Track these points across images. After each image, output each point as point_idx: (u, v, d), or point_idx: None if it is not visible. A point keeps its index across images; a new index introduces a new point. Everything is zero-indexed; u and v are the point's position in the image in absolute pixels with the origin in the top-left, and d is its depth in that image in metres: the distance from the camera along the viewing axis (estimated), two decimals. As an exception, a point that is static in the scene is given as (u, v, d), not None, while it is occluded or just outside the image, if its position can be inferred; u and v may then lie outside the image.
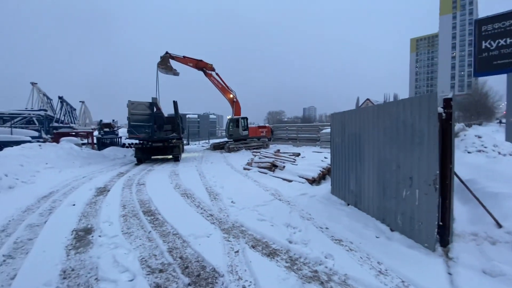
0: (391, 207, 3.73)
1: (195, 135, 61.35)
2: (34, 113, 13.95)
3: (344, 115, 5.17)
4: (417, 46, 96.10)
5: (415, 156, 3.25)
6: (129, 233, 4.06)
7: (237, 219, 4.45)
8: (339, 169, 5.43)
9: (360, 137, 4.57)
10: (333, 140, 5.69)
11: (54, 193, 6.84)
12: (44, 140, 13.22)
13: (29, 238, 3.97)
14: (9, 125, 12.80)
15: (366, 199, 4.39)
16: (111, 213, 4.99)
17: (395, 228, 3.65)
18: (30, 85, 16.35)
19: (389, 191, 3.78)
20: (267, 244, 3.52)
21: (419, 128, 3.17)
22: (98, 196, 6.41)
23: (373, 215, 4.17)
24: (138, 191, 6.86)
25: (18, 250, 3.56)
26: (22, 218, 4.89)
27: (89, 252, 3.45)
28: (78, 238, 3.94)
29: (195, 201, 5.78)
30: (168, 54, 16.85)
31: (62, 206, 5.59)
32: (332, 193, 5.73)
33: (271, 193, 6.18)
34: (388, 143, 3.80)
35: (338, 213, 4.60)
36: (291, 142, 20.82)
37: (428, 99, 2.99)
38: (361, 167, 4.55)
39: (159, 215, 4.88)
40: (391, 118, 3.71)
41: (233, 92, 19.26)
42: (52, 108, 18.30)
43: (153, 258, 3.21)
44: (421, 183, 3.15)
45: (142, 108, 12.72)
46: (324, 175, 7.22)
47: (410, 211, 3.36)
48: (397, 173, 3.60)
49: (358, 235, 3.67)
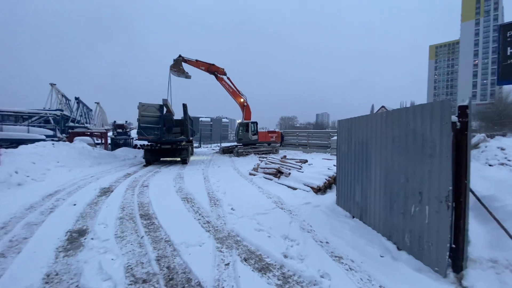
0: (399, 224, 3.42)
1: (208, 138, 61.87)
2: (50, 112, 14.43)
3: (351, 122, 4.89)
4: (437, 53, 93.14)
5: (425, 169, 2.95)
6: (121, 237, 3.95)
7: (234, 228, 4.25)
8: (345, 179, 5.13)
9: (367, 145, 4.28)
10: (339, 148, 5.40)
11: (59, 191, 6.91)
12: (58, 139, 13.60)
13: (24, 237, 3.95)
14: (26, 123, 13.30)
15: (372, 212, 4.08)
16: (108, 215, 4.92)
17: (402, 247, 3.33)
18: (50, 86, 16.99)
19: (397, 205, 3.47)
20: (260, 257, 3.30)
21: (430, 138, 2.88)
22: (100, 197, 6.40)
23: (379, 230, 3.85)
24: (140, 193, 6.80)
25: (11, 249, 3.52)
26: (23, 216, 4.91)
27: (77, 255, 3.35)
28: (71, 239, 3.87)
29: (194, 206, 5.63)
30: (181, 57, 17.08)
31: (63, 205, 5.60)
32: (337, 204, 5.43)
33: (274, 201, 5.94)
34: (396, 153, 3.50)
35: (341, 226, 4.30)
36: (301, 148, 20.44)
37: (441, 106, 2.71)
38: (367, 178, 4.25)
39: (156, 219, 4.76)
40: (400, 126, 3.42)
41: (244, 97, 19.21)
42: (70, 108, 18.91)
43: (140, 266, 3.06)
44: (432, 199, 2.85)
45: (152, 110, 12.86)
46: (330, 184, 6.90)
47: (419, 230, 3.04)
48: (405, 187, 3.30)
49: (361, 252, 3.37)
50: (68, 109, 18.30)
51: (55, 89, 17.29)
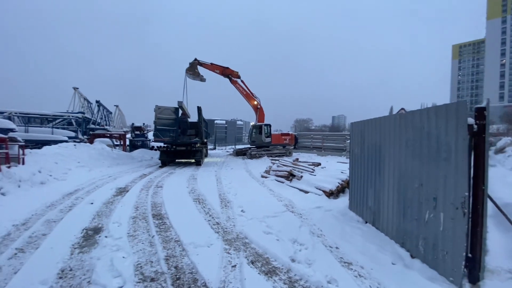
0: (412, 230, 3.28)
1: (222, 140, 62.52)
2: (73, 115, 15.17)
3: (363, 124, 4.77)
4: (460, 53, 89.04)
5: (440, 174, 2.82)
6: (134, 236, 4.06)
7: (243, 230, 4.25)
8: (357, 183, 5.01)
9: (380, 148, 4.16)
10: (352, 151, 5.29)
11: (79, 190, 7.22)
12: (80, 140, 14.25)
13: (43, 233, 4.15)
14: (50, 125, 14.05)
15: (385, 218, 3.95)
16: (122, 214, 5.08)
17: (415, 255, 3.19)
18: (73, 89, 17.88)
19: (410, 211, 3.34)
20: (267, 260, 3.27)
21: (445, 142, 2.75)
22: (116, 196, 6.62)
23: (392, 237, 3.71)
24: (154, 194, 6.97)
25: (30, 245, 3.71)
26: (44, 213, 5.17)
27: (91, 252, 3.48)
28: (86, 237, 4.02)
29: (205, 207, 5.70)
30: (196, 60, 17.43)
31: (81, 203, 5.84)
32: (349, 208, 5.30)
33: (284, 204, 5.89)
34: (410, 157, 3.38)
35: (353, 231, 4.19)
36: (315, 150, 20.15)
37: (456, 108, 2.58)
38: (380, 182, 4.13)
39: (167, 219, 4.86)
40: (414, 129, 3.30)
41: (258, 99, 19.28)
42: (91, 111, 19.77)
43: (149, 265, 3.13)
44: (447, 206, 2.71)
45: (168, 113, 13.20)
46: (343, 188, 6.75)
47: (433, 237, 2.91)
48: (419, 192, 3.17)
49: (371, 259, 3.26)
50: (90, 112, 19.14)
51: (78, 93, 18.15)
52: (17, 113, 14.14)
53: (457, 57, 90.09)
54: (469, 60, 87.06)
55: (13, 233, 4.11)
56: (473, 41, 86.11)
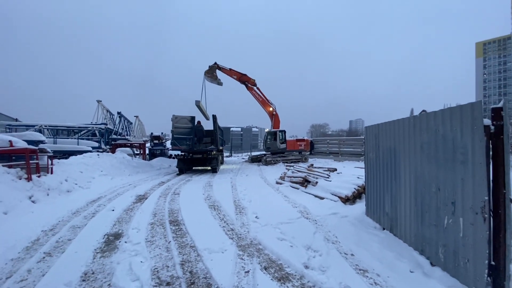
0: (431, 236, 3.16)
1: (238, 147, 63.03)
2: (96, 126, 16.02)
3: (378, 128, 4.69)
4: (484, 51, 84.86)
5: (457, 177, 2.72)
6: (151, 241, 4.20)
7: (257, 236, 4.27)
8: (373, 188, 4.89)
9: (395, 152, 4.06)
10: (367, 155, 5.19)
11: (101, 198, 7.56)
12: (103, 150, 14.96)
13: (69, 238, 4.39)
14: (76, 136, 14.90)
15: (403, 224, 3.82)
16: (141, 220, 5.26)
17: (435, 263, 3.06)
18: (96, 102, 18.93)
19: (428, 216, 3.22)
20: (281, 266, 3.27)
21: (461, 144, 2.66)
22: (136, 203, 6.87)
23: (410, 243, 3.58)
24: (171, 200, 7.17)
25: (57, 249, 3.93)
26: (69, 219, 5.47)
27: (112, 257, 3.64)
28: (108, 242, 4.21)
29: (220, 213, 5.78)
30: (216, 64, 17.95)
31: (103, 210, 6.12)
32: (366, 215, 5.18)
33: (299, 210, 5.84)
34: (426, 161, 3.28)
35: (369, 238, 4.08)
36: (332, 156, 19.80)
37: (471, 109, 2.50)
38: (396, 187, 4.02)
39: (183, 225, 4.98)
40: (429, 131, 3.21)
41: (273, 106, 19.39)
42: (113, 122, 20.74)
43: (165, 270, 3.23)
44: (466, 210, 2.60)
45: (184, 122, 13.60)
46: (360, 194, 6.59)
47: (453, 244, 2.79)
48: (437, 196, 3.06)
49: (388, 266, 3.16)
50: (112, 123, 20.08)
51: (101, 105, 19.16)
52: (46, 126, 15.16)
53: (481, 55, 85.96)
54: (494, 57, 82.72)
55: (41, 238, 4.38)
56: (498, 37, 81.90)
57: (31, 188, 6.64)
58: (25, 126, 14.92)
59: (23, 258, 3.61)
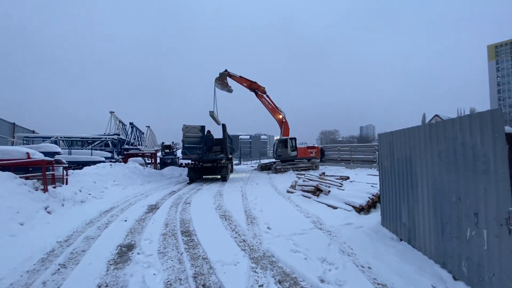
0: (453, 249, 3.02)
1: (247, 155, 63.07)
2: (109, 137, 16.40)
3: (392, 136, 4.59)
4: (497, 53, 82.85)
5: (480, 187, 2.60)
6: (164, 253, 4.19)
7: (269, 248, 4.20)
8: (389, 197, 4.75)
9: (411, 161, 3.95)
10: (382, 163, 5.07)
11: (114, 208, 7.66)
12: (115, 160, 15.26)
13: (83, 249, 4.43)
14: (90, 147, 15.28)
15: (422, 235, 3.68)
16: (153, 231, 5.28)
17: (459, 277, 2.91)
18: (109, 113, 19.43)
19: (449, 228, 3.08)
20: (295, 280, 3.18)
21: (482, 153, 2.56)
22: (148, 213, 6.91)
23: (431, 256, 3.43)
24: (183, 210, 7.18)
25: (71, 261, 3.97)
26: (83, 230, 5.54)
27: (125, 268, 3.64)
28: (121, 253, 4.22)
29: (231, 224, 5.73)
30: (226, 71, 18.14)
31: (116, 221, 6.17)
32: (382, 225, 5.02)
33: (312, 221, 5.73)
34: (445, 170, 3.16)
35: (387, 250, 3.94)
36: (343, 163, 19.50)
37: (491, 116, 2.41)
38: (413, 196, 3.89)
39: (195, 236, 4.95)
40: (446, 139, 3.11)
41: (283, 113, 19.39)
42: (125, 132, 21.19)
43: (178, 283, 3.20)
44: (490, 222, 2.48)
45: (195, 131, 13.76)
46: (374, 203, 6.42)
47: (477, 257, 2.65)
48: (458, 206, 2.93)
49: (408, 281, 3.03)
50: (124, 133, 20.52)
51: (114, 116, 19.64)
52: (61, 137, 15.63)
53: (493, 58, 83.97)
54: (507, 60, 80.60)
55: (56, 249, 4.44)
56: (510, 40, 79.96)
57: (47, 199, 6.79)
58: (41, 137, 15.42)
59: (39, 270, 3.66)
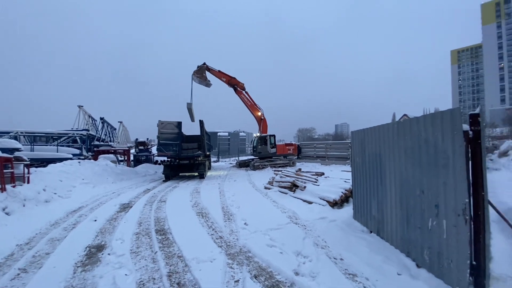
0: (417, 239, 3.24)
1: (226, 152, 62.60)
2: (77, 132, 15.42)
3: (363, 133, 4.80)
4: (459, 58, 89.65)
5: (440, 181, 2.81)
6: (136, 252, 4.05)
7: (246, 244, 4.22)
8: (360, 192, 4.98)
9: (380, 157, 4.17)
10: (354, 160, 5.29)
11: (82, 207, 7.25)
12: (84, 157, 14.41)
13: (47, 252, 4.16)
14: (56, 143, 14.27)
15: (389, 227, 3.91)
16: (126, 230, 5.08)
17: (421, 265, 3.14)
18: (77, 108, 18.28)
19: (413, 219, 3.31)
20: (271, 274, 3.24)
21: (443, 149, 2.76)
22: (120, 212, 6.63)
23: (397, 246, 3.66)
24: (157, 208, 6.98)
25: (33, 265, 3.71)
26: (48, 231, 5.19)
27: (94, 270, 3.48)
28: (89, 255, 4.02)
29: (208, 221, 5.68)
30: (205, 65, 17.50)
31: (85, 221, 5.86)
32: (354, 218, 5.25)
33: (288, 216, 5.84)
34: (410, 165, 3.38)
35: (358, 242, 4.13)
36: (319, 160, 20.08)
37: (451, 115, 2.61)
38: (382, 190, 4.11)
39: (170, 234, 4.84)
40: (412, 136, 3.32)
41: (261, 110, 19.41)
42: (95, 128, 20.07)
43: (151, 282, 3.12)
44: (449, 213, 2.69)
45: (171, 127, 13.36)
46: (347, 198, 6.69)
47: (437, 245, 2.87)
48: (421, 199, 3.15)
49: (377, 270, 3.21)
50: (94, 129, 19.43)
51: (83, 111, 18.53)
52: (22, 132, 14.40)
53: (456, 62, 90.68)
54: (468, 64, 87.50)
55: (16, 253, 4.13)
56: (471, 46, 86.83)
57: (5, 199, 6.25)
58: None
59: (-4, 275, 3.37)
